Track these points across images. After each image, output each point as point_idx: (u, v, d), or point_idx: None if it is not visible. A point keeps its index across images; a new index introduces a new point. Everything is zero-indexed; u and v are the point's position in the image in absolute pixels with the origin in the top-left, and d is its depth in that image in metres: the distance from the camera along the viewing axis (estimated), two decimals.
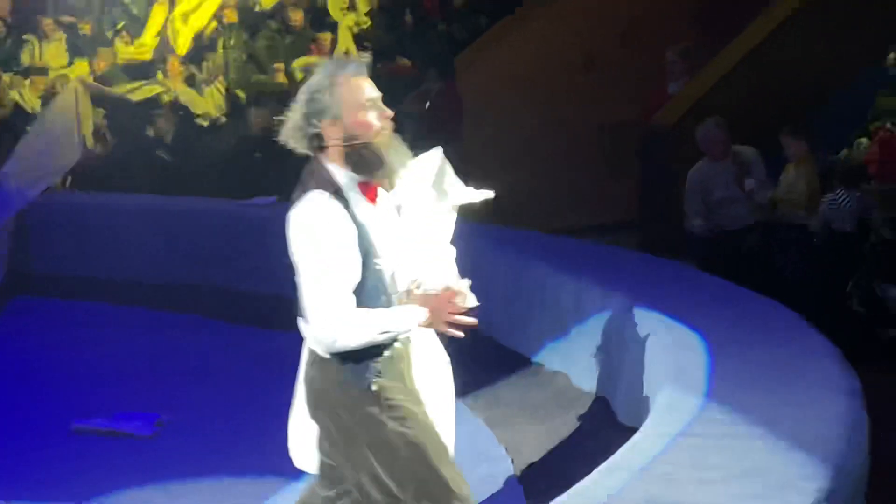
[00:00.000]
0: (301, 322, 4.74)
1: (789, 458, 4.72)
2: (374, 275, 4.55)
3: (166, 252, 12.65)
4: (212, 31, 17.32)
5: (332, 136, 4.57)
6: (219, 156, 14.56)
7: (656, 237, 12.07)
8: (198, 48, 17.17)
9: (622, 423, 7.33)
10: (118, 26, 17.57)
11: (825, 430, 5.08)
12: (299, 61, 16.41)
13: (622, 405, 7.52)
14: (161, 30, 17.35)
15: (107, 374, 9.38)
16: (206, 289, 12.10)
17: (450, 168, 4.88)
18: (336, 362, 4.61)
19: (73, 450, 7.80)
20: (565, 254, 9.42)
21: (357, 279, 4.50)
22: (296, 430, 5.02)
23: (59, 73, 16.38)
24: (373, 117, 4.58)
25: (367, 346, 4.52)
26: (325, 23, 17.13)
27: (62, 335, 10.57)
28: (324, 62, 4.71)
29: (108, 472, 7.38)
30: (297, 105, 4.62)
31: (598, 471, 4.79)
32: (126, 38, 17.20)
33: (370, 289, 4.54)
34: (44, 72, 16.31)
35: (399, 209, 4.80)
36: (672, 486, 4.44)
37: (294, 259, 4.59)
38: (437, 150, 4.82)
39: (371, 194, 4.62)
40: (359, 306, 4.50)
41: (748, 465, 4.62)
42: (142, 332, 10.75)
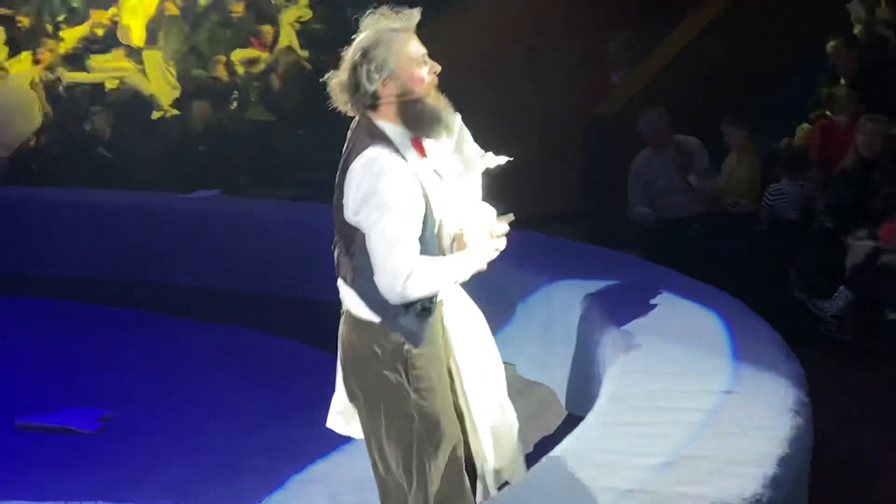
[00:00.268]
0: (340, 284, 4.76)
1: (732, 445, 4.75)
2: (430, 227, 4.61)
3: (108, 247, 12.59)
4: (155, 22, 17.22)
5: (387, 92, 4.59)
6: (160, 149, 14.49)
7: (600, 226, 12.11)
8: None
9: (569, 413, 7.37)
10: (59, 18, 17.44)
11: (768, 417, 5.11)
12: (238, 53, 16.35)
13: (568, 394, 7.55)
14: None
15: (50, 370, 9.31)
16: (150, 283, 12.05)
17: (468, 133, 4.88)
18: (373, 325, 4.64)
19: (16, 446, 7.74)
20: (510, 244, 9.42)
21: (420, 231, 4.54)
22: (339, 397, 5.03)
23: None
24: (425, 72, 4.63)
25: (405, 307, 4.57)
26: (266, 15, 17.08)
27: (1, 331, 10.50)
28: (372, 19, 4.68)
29: (51, 469, 7.33)
30: (346, 64, 4.64)
31: (545, 459, 4.81)
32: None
33: (428, 240, 4.59)
34: None
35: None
36: (617, 473, 4.46)
37: (356, 213, 4.54)
38: (457, 117, 4.80)
39: (421, 150, 4.66)
40: None
41: (692, 452, 4.65)
42: (83, 327, 10.68)
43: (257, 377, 9.12)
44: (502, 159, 4.90)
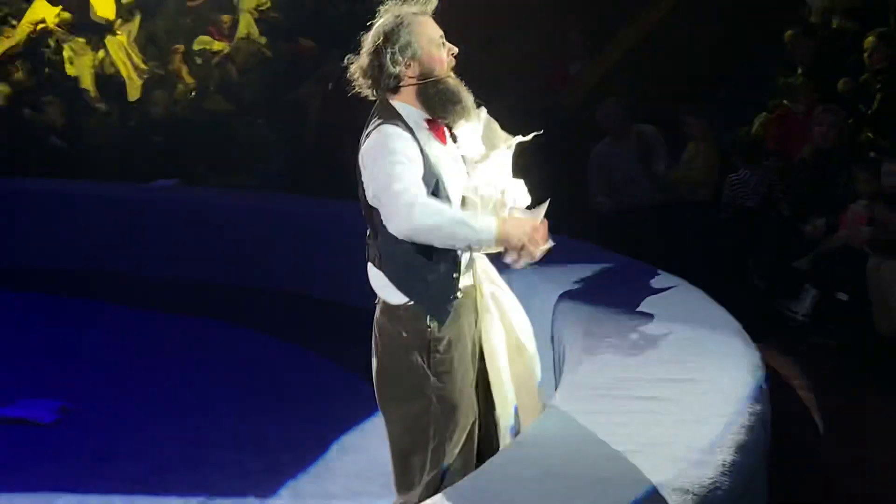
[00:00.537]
0: (370, 268, 4.85)
1: (692, 432, 4.75)
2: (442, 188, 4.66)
3: (64, 238, 12.54)
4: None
5: (409, 74, 4.68)
6: (117, 139, 14.42)
7: (560, 216, 12.11)
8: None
9: None
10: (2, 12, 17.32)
11: (727, 404, 5.12)
12: (198, 41, 16.29)
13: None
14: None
15: (7, 361, 9.27)
16: (108, 274, 12.01)
17: (496, 124, 4.96)
18: (401, 308, 4.73)
19: None
20: None
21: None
22: None
23: None
24: (445, 54, 4.72)
25: (438, 279, 4.68)
26: (224, 4, 17.01)
27: None
28: (391, 4, 4.77)
29: (7, 460, 7.30)
30: (368, 48, 4.74)
31: (505, 449, 4.81)
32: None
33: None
34: None
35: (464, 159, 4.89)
36: (576, 461, 4.46)
37: (368, 182, 4.63)
38: (482, 110, 4.89)
39: (440, 135, 4.73)
40: None
41: (651, 440, 4.65)
42: (42, 319, 10.64)
43: (218, 368, 9.11)
44: (529, 137, 5.02)
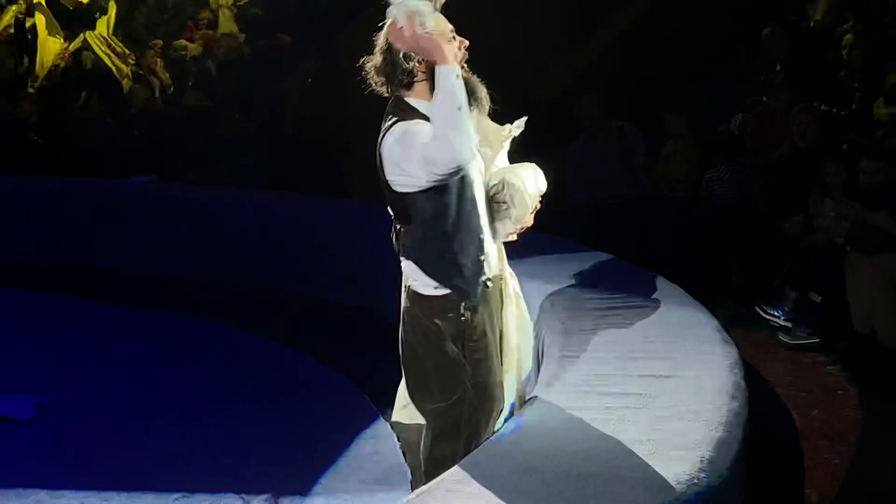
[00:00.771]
0: (403, 261, 4.94)
1: (670, 428, 4.77)
2: (469, 195, 4.79)
3: (42, 233, 12.52)
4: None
5: (422, 70, 4.76)
6: (95, 134, 14.38)
7: (538, 212, 12.11)
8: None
9: None
10: None
11: (704, 401, 5.14)
12: (174, 48, 16.29)
13: None
14: None
15: None
16: (86, 269, 11.99)
17: (487, 119, 5.09)
18: (434, 299, 4.82)
19: None
20: None
21: None
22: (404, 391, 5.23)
23: None
24: (455, 48, 4.77)
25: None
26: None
27: None
28: (398, 3, 4.83)
29: None
30: (381, 47, 4.83)
31: (484, 446, 4.82)
32: None
33: (467, 202, 4.80)
34: None
35: None
36: (555, 457, 4.48)
37: (397, 174, 4.71)
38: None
39: None
40: (458, 220, 4.77)
41: (629, 436, 4.67)
42: (20, 315, 10.60)
43: (198, 365, 9.08)
44: (521, 123, 5.17)
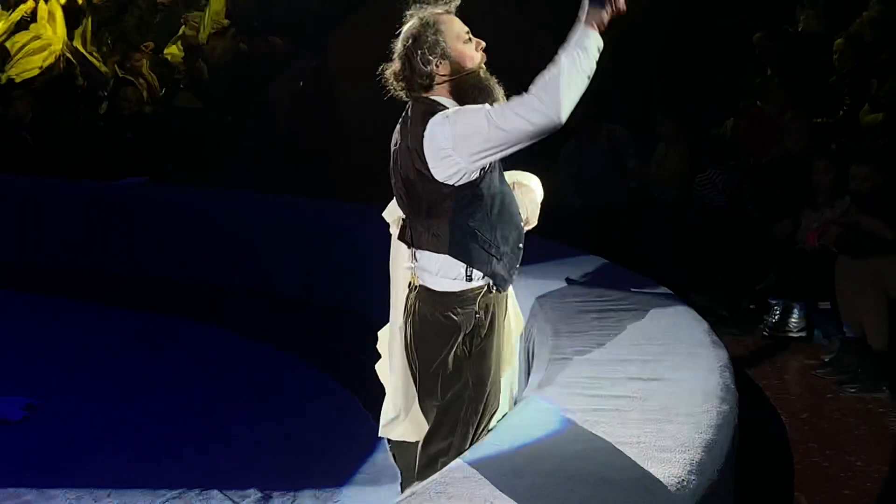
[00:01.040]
0: (421, 256, 4.90)
1: (660, 431, 4.78)
2: (506, 183, 4.94)
3: (32, 234, 12.52)
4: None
5: (441, 72, 4.79)
6: (88, 135, 14.36)
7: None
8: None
9: None
10: None
11: (694, 403, 5.15)
12: (170, 49, 16.31)
13: None
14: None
15: None
16: (76, 271, 11.99)
17: None
18: (448, 295, 4.83)
19: None
20: None
21: None
22: (391, 403, 5.25)
23: None
24: (473, 48, 4.84)
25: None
26: (195, 1, 17.00)
27: None
28: (415, 8, 4.86)
29: None
30: (398, 53, 4.83)
31: (475, 447, 4.81)
32: None
33: (508, 189, 4.94)
34: None
35: None
36: (544, 459, 4.48)
37: (454, 159, 4.68)
38: None
39: None
40: (502, 207, 4.88)
41: (619, 438, 4.67)
42: (10, 315, 10.59)
43: (187, 366, 9.09)
44: None
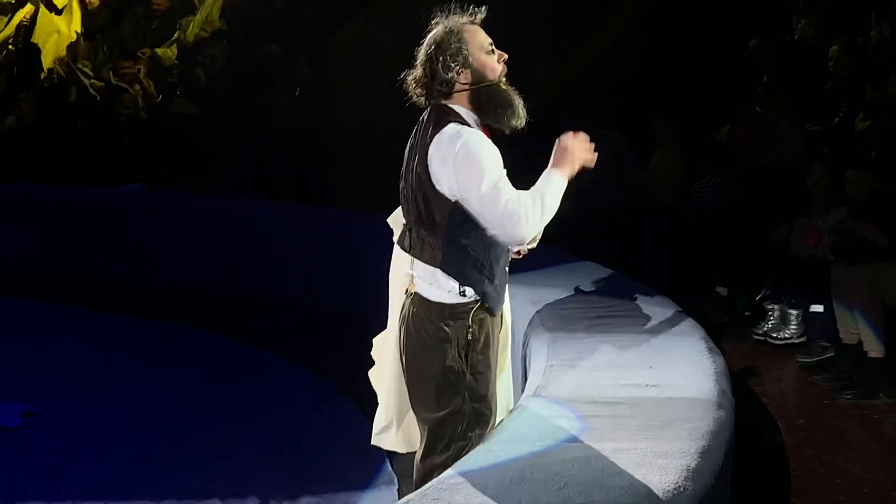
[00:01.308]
0: (419, 267, 4.91)
1: (656, 436, 4.80)
2: None
3: (30, 241, 12.55)
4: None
5: (462, 80, 4.83)
6: (85, 141, 14.37)
7: None
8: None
9: None
10: None
11: (690, 410, 5.17)
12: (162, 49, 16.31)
13: None
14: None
15: None
16: (73, 277, 12.00)
17: None
18: (443, 306, 4.85)
19: None
20: None
21: None
22: (382, 412, 5.28)
23: None
24: (495, 60, 4.87)
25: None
26: (189, 7, 16.99)
27: None
28: (441, 17, 4.91)
29: None
30: (421, 59, 4.88)
31: (471, 454, 4.82)
32: None
33: None
34: None
35: None
36: (542, 465, 4.50)
37: (447, 182, 4.72)
38: None
39: (487, 135, 4.85)
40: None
41: (616, 444, 4.69)
42: (7, 322, 10.60)
43: (183, 372, 9.10)
44: None
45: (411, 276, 4.96)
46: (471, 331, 4.84)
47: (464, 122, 4.79)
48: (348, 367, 8.17)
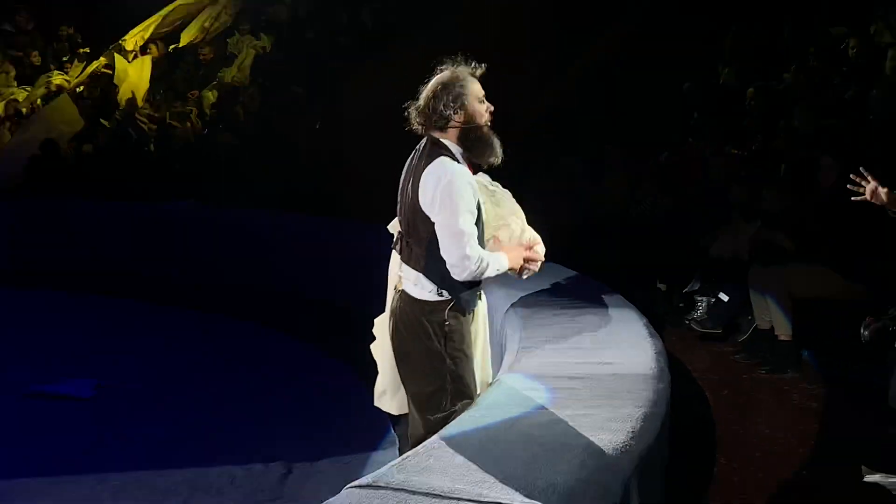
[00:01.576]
0: (406, 269, 4.88)
1: (607, 405, 4.81)
2: (480, 225, 4.82)
3: (106, 248, 12.67)
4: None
5: (456, 119, 4.82)
6: (145, 167, 14.41)
7: None
8: None
9: None
10: (64, 58, 17.52)
11: (635, 383, 5.18)
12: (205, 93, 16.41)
13: None
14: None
15: (57, 348, 9.30)
16: (138, 278, 12.07)
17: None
18: (423, 302, 4.83)
19: (28, 410, 7.72)
20: None
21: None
22: (381, 379, 5.22)
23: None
24: (484, 109, 4.87)
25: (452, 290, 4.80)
26: (231, 58, 17.10)
27: (29, 320, 10.56)
28: (449, 65, 4.92)
29: (55, 428, 7.33)
30: (427, 94, 4.86)
31: (458, 419, 4.81)
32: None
33: (478, 235, 4.79)
34: None
35: None
36: (514, 428, 4.50)
37: (431, 206, 4.70)
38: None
39: (471, 169, 4.85)
40: None
41: (575, 411, 4.70)
42: (86, 314, 10.66)
43: (233, 358, 9.11)
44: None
45: (400, 276, 4.96)
46: (447, 324, 4.81)
47: (453, 156, 4.77)
48: (361, 350, 8.21)
